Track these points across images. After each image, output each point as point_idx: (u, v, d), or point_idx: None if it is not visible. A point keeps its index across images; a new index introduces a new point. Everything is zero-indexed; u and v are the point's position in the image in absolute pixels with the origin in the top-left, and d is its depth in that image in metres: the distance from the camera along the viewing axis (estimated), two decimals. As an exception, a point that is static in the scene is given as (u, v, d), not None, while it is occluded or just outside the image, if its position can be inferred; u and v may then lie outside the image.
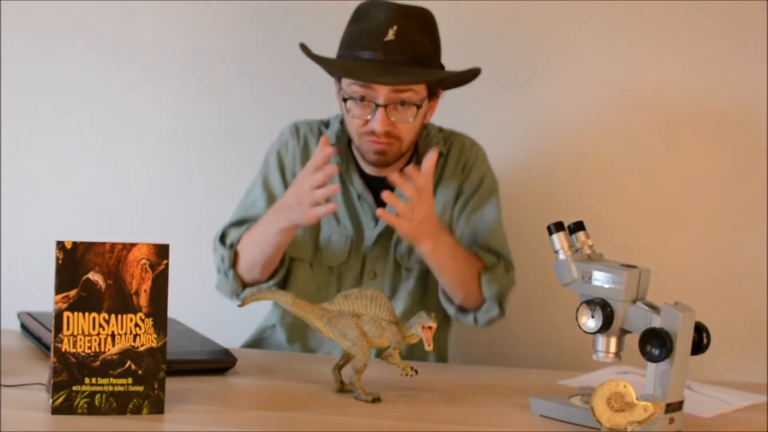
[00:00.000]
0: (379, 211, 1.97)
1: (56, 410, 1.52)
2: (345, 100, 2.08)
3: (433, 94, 2.12)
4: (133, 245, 1.54)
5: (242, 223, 2.18)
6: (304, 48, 2.15)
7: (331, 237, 2.19)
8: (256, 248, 2.10)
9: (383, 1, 2.11)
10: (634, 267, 1.66)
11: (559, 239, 1.71)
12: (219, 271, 2.18)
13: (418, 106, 2.07)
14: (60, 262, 1.51)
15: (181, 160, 2.68)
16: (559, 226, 1.71)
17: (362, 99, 2.05)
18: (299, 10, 2.60)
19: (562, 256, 1.70)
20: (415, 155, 2.20)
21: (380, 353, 1.75)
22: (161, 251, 1.55)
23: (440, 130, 2.26)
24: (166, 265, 1.55)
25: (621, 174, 2.58)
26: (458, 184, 2.21)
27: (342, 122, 2.21)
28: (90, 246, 1.52)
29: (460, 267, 2.09)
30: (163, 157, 2.68)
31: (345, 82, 2.08)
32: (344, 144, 2.21)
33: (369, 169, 2.19)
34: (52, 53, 2.67)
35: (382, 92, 2.04)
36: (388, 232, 2.18)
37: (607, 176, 2.58)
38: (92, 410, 1.53)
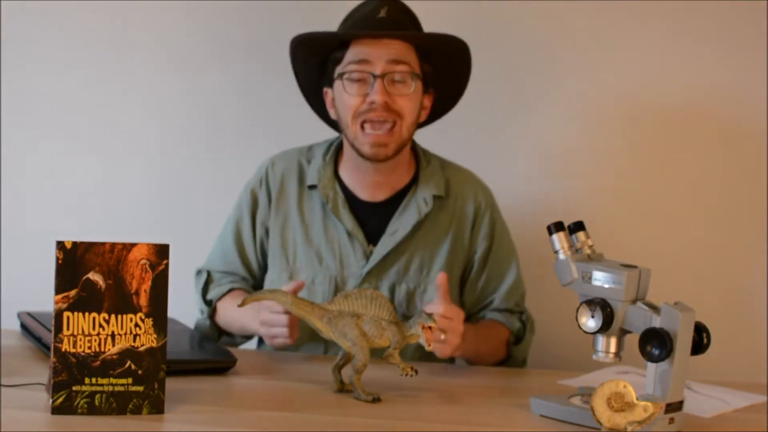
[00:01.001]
0: (431, 348, 1.83)
1: (56, 410, 1.52)
2: (341, 75, 2.07)
3: (427, 86, 2.12)
4: (133, 245, 1.54)
5: (223, 270, 2.21)
6: (294, 45, 2.14)
7: (315, 279, 2.14)
8: (235, 324, 2.14)
9: None
10: (634, 267, 1.66)
11: (559, 239, 1.71)
12: (201, 313, 2.21)
13: (416, 75, 2.07)
14: (60, 262, 1.51)
15: (182, 160, 2.68)
16: (559, 226, 1.71)
17: (358, 80, 2.06)
18: (304, 11, 2.60)
19: (562, 256, 1.70)
20: (415, 184, 2.17)
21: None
22: (161, 251, 1.55)
23: (442, 165, 2.22)
24: (166, 265, 1.55)
25: (621, 173, 2.58)
26: (469, 236, 2.19)
27: (325, 154, 2.19)
28: (90, 246, 1.52)
29: (488, 346, 2.14)
30: (163, 157, 2.68)
31: (340, 66, 2.08)
32: (330, 173, 2.17)
33: (362, 194, 2.16)
34: (52, 53, 2.67)
35: (378, 64, 2.05)
36: (378, 269, 2.13)
37: (607, 176, 2.58)
38: (92, 410, 1.53)
